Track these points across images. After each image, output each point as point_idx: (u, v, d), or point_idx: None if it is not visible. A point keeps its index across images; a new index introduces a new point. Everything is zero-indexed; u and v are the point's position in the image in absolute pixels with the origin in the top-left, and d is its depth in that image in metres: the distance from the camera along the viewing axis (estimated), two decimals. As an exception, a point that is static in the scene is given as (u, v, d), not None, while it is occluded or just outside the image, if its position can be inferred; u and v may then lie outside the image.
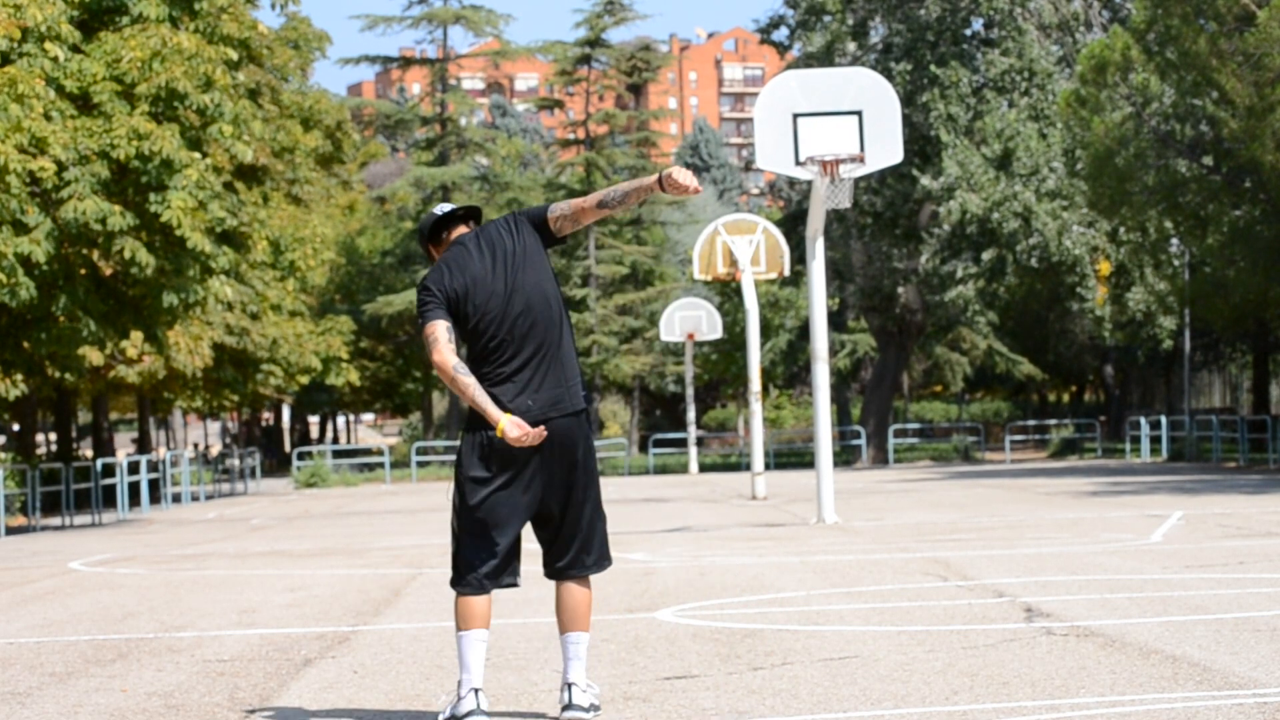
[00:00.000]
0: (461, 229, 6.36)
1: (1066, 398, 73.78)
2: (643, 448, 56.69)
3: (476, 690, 6.16)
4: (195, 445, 70.45)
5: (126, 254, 23.23)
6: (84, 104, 23.75)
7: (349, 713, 6.77)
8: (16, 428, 40.51)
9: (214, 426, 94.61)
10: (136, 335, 27.32)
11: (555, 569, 6.25)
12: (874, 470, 42.43)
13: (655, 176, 6.10)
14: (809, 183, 21.31)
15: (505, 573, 6.21)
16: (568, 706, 6.14)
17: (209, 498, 38.91)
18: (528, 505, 6.16)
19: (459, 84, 58.49)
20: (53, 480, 29.62)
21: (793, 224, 45.02)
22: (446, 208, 6.37)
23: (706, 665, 7.58)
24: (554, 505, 6.17)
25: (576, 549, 6.20)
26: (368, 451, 61.58)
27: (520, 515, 6.16)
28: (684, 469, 45.77)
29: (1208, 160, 32.49)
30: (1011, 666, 7.19)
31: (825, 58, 43.38)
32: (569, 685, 6.15)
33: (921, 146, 43.30)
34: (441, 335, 6.05)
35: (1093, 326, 48.31)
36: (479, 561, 6.16)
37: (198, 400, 45.46)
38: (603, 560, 6.27)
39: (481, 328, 6.09)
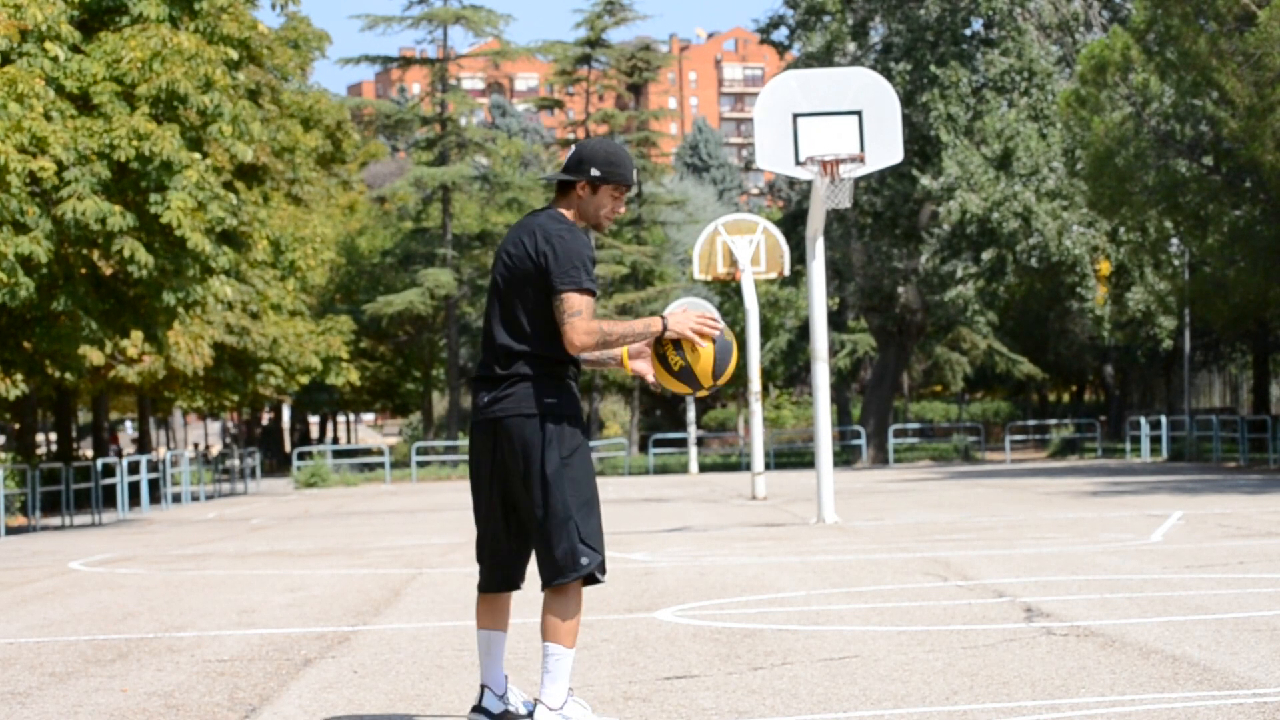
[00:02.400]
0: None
1: (1066, 398, 73.79)
2: (643, 448, 56.69)
3: (483, 686, 6.17)
4: (195, 445, 70.47)
5: (126, 253, 23.23)
6: (84, 104, 23.75)
7: (349, 713, 6.77)
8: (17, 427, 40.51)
9: (214, 426, 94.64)
10: (136, 335, 27.33)
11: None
12: (874, 470, 42.44)
13: (659, 324, 6.00)
14: (809, 183, 21.31)
15: (499, 571, 6.09)
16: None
17: (209, 498, 38.91)
18: (500, 504, 6.03)
19: (459, 84, 58.48)
20: (53, 480, 29.62)
21: (793, 224, 45.04)
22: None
23: (706, 665, 7.58)
24: (519, 507, 6.01)
25: (538, 556, 6.00)
26: (368, 451, 61.58)
27: (496, 514, 6.04)
28: (684, 469, 45.77)
29: (1208, 160, 32.50)
30: (1011, 666, 7.19)
31: (825, 58, 43.40)
32: (536, 700, 6.01)
33: (921, 146, 43.32)
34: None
35: (1093, 326, 48.34)
36: (480, 558, 6.17)
37: (198, 400, 45.50)
38: (557, 573, 5.88)
39: None
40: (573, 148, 6.16)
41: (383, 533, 20.16)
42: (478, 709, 6.17)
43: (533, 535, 5.96)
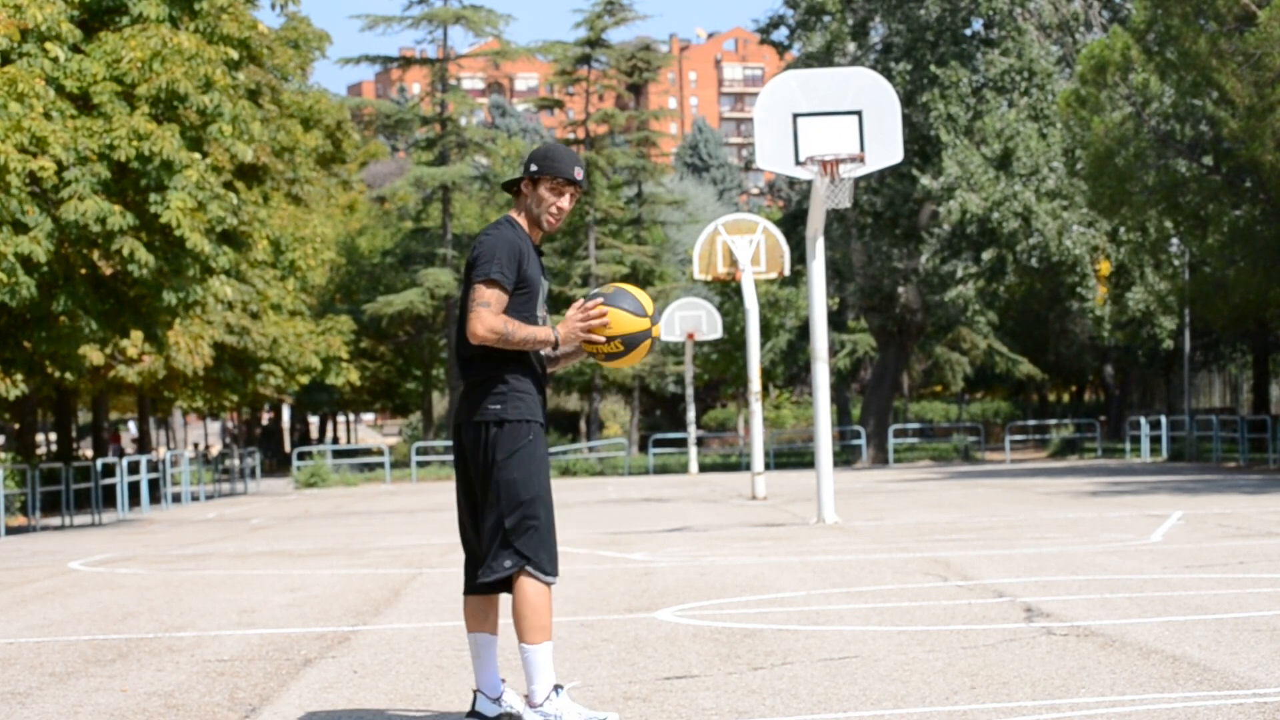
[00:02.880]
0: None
1: (1066, 398, 73.78)
2: (643, 448, 56.69)
3: (475, 691, 6.26)
4: (195, 445, 70.46)
5: (126, 252, 23.23)
6: (84, 104, 23.75)
7: (349, 713, 6.77)
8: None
9: (214, 426, 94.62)
10: (136, 335, 27.32)
11: None
12: (874, 470, 42.43)
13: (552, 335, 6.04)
14: (809, 183, 21.30)
15: (467, 572, 6.24)
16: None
17: (209, 498, 38.91)
18: (470, 507, 6.18)
19: (459, 84, 58.48)
20: (53, 480, 29.62)
21: (793, 224, 45.03)
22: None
23: (706, 665, 7.58)
24: (479, 508, 6.12)
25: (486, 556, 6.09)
26: (368, 451, 61.57)
27: (470, 516, 6.17)
28: (684, 469, 45.76)
29: (1208, 160, 32.49)
30: (1011, 666, 7.19)
31: (825, 58, 43.39)
32: (523, 696, 6.16)
33: (921, 146, 43.31)
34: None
35: (1093, 326, 48.31)
36: (466, 562, 6.25)
37: (198, 400, 45.49)
38: (489, 569, 5.99)
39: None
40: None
41: (383, 533, 20.16)
42: (472, 714, 6.20)
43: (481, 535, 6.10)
